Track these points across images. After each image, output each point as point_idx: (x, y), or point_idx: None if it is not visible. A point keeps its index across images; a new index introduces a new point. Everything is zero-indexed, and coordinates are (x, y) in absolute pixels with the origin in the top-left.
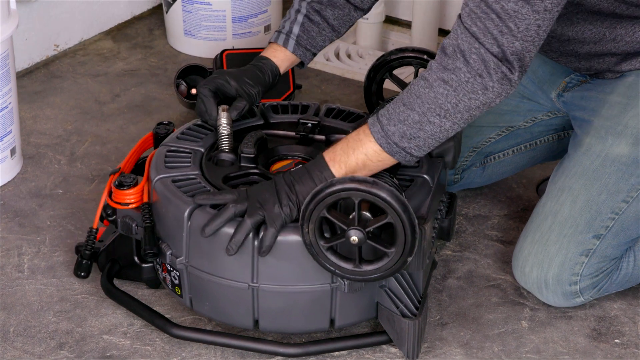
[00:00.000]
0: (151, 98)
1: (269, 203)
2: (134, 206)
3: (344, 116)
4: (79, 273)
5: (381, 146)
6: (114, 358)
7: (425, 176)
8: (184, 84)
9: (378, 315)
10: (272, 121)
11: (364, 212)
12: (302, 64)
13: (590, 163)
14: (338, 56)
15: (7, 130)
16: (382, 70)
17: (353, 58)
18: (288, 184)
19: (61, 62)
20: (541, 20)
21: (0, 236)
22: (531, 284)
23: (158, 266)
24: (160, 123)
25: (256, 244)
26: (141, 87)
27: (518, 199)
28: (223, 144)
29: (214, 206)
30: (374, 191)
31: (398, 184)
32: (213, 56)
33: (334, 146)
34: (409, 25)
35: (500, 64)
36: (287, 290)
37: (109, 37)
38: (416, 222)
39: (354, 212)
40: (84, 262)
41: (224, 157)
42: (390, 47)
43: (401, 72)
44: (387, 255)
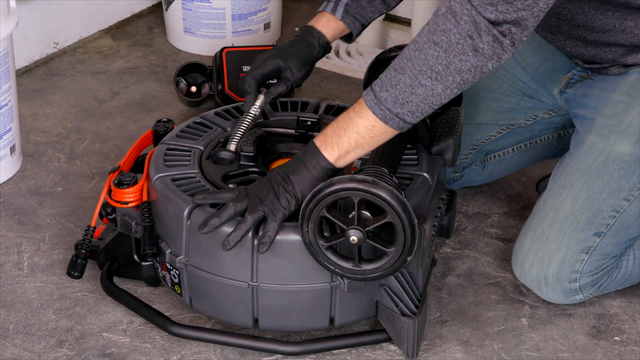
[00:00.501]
0: (151, 96)
1: (268, 198)
2: (133, 205)
3: None
4: (73, 273)
5: (374, 114)
6: (114, 356)
7: (425, 174)
8: (184, 81)
9: (378, 314)
10: (271, 119)
11: (363, 211)
12: (350, 37)
13: (593, 161)
14: (338, 54)
15: (7, 128)
16: (381, 67)
17: (353, 56)
18: (282, 176)
19: (61, 60)
20: None
21: (0, 234)
22: (531, 280)
23: (157, 265)
24: (160, 121)
25: (256, 242)
26: (141, 84)
27: (518, 197)
28: (235, 135)
29: (213, 205)
30: (374, 191)
31: (398, 182)
32: (213, 54)
33: (324, 130)
34: (408, 23)
35: (491, 26)
36: (287, 289)
37: (109, 35)
38: (416, 221)
39: (354, 212)
40: (79, 261)
41: (223, 155)
42: (390, 45)
43: None
44: (386, 254)
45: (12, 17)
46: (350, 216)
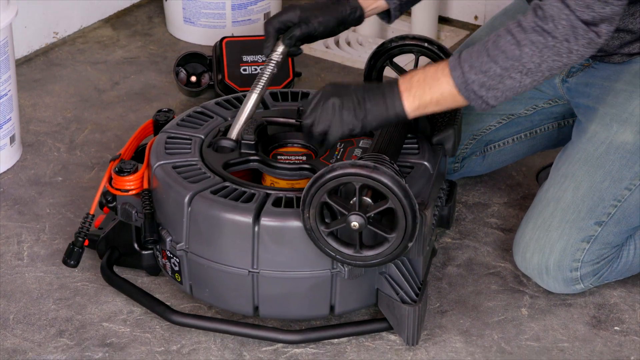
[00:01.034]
0: (151, 85)
1: (335, 115)
2: (133, 193)
3: None
4: (68, 261)
5: (459, 91)
6: (114, 345)
7: (426, 163)
8: (184, 71)
9: (378, 302)
10: (272, 108)
11: (364, 197)
12: (388, 16)
13: (594, 150)
14: (338, 44)
15: (7, 118)
16: (382, 58)
17: (353, 46)
18: (359, 99)
19: (60, 49)
20: None
21: (0, 224)
22: (532, 269)
23: (158, 253)
24: (160, 110)
25: (256, 229)
26: (141, 74)
27: (518, 187)
28: (260, 80)
29: (215, 191)
30: (375, 176)
31: (399, 170)
32: (212, 44)
33: (411, 76)
34: (408, 13)
35: (588, 30)
36: (287, 276)
37: (109, 25)
38: (417, 207)
39: (355, 197)
40: (75, 249)
41: (224, 143)
42: (390, 35)
43: (401, 60)
44: (387, 240)
45: (11, 7)
46: (352, 202)
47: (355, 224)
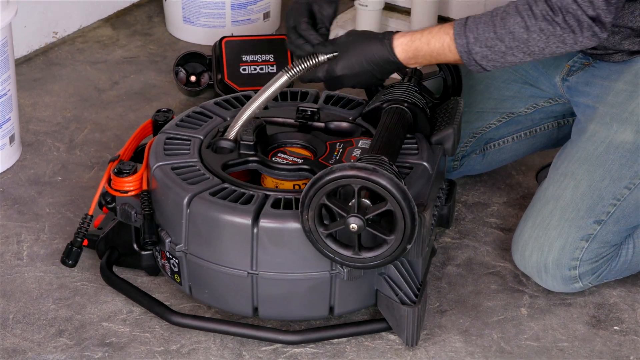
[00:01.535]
0: (150, 85)
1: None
2: (133, 194)
3: (343, 103)
4: (67, 261)
5: (461, 57)
6: (113, 345)
7: (425, 164)
8: (183, 71)
9: (377, 303)
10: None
11: (363, 199)
12: None
13: (594, 149)
14: None
15: (6, 117)
16: None
17: None
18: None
19: (60, 49)
20: None
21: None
22: (531, 268)
23: (157, 254)
24: (159, 110)
25: (255, 231)
26: (140, 74)
27: (517, 186)
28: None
29: (214, 193)
30: (374, 178)
31: (398, 171)
32: (212, 43)
33: (412, 35)
34: (408, 12)
35: (593, 24)
36: (287, 277)
37: (108, 25)
38: (416, 209)
39: (354, 199)
40: (74, 249)
41: (223, 144)
42: None
43: None
44: (386, 242)
45: (11, 7)
46: (350, 204)
47: (354, 225)
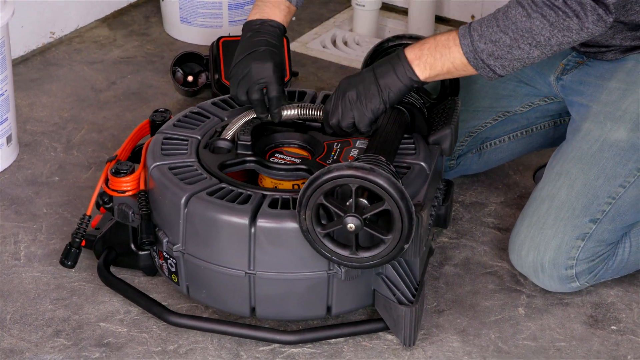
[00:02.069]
0: (147, 85)
1: (356, 102)
2: (130, 194)
3: None
4: (66, 262)
5: (468, 59)
6: (111, 345)
7: (422, 163)
8: (180, 71)
9: (375, 303)
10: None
11: (361, 199)
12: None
13: (589, 148)
14: (335, 43)
15: (3, 117)
16: (379, 57)
17: (350, 45)
18: (372, 81)
19: (57, 49)
20: None
21: None
22: (527, 267)
23: (155, 254)
24: (157, 110)
25: (253, 231)
26: (137, 74)
27: (515, 186)
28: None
29: (212, 193)
30: (371, 178)
31: (395, 171)
32: (209, 43)
33: (420, 45)
34: (405, 12)
35: (597, 6)
36: (284, 277)
37: (105, 25)
38: (413, 209)
39: (351, 199)
40: (73, 250)
41: (220, 144)
42: (387, 34)
43: None
44: (384, 242)
45: (8, 7)
46: (348, 204)
47: (351, 225)
